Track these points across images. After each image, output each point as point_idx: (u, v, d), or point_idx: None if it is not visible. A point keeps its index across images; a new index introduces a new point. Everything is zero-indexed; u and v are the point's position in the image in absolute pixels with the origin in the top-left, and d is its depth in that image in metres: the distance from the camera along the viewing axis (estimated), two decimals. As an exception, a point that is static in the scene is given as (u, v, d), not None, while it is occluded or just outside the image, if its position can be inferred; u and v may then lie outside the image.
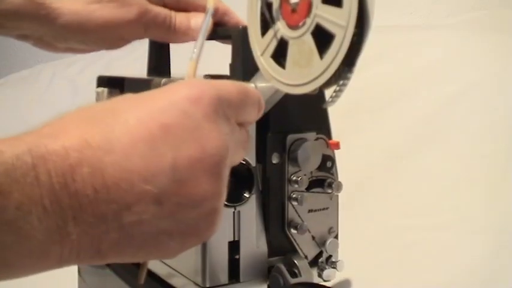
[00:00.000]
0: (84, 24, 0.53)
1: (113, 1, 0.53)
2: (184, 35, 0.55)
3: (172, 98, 0.35)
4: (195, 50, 0.47)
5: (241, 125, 0.39)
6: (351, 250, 0.56)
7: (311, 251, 0.54)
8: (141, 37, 0.56)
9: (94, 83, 0.65)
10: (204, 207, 0.35)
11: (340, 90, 0.39)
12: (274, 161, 0.50)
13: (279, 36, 0.43)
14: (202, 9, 0.56)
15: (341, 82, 0.39)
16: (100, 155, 0.31)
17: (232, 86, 0.38)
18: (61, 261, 0.32)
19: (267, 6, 0.44)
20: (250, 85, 0.41)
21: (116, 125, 0.33)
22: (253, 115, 0.41)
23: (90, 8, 0.53)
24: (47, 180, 0.30)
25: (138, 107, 0.34)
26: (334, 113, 0.52)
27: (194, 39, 0.55)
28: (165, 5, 0.56)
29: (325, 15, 0.39)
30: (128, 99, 0.36)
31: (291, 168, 0.51)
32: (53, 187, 0.30)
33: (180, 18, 0.55)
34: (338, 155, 0.54)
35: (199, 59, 0.47)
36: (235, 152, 0.38)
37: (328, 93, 0.41)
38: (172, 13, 0.55)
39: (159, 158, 0.33)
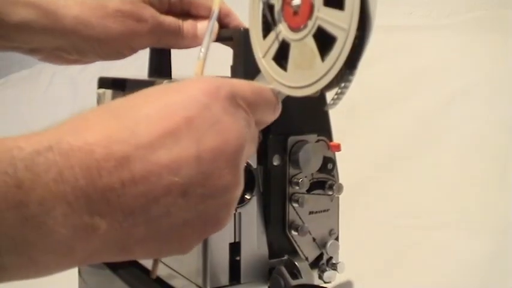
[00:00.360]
0: (98, 37, 0.53)
1: (128, 16, 0.53)
2: (192, 41, 0.56)
3: (190, 92, 0.35)
4: (202, 49, 0.48)
5: (256, 123, 0.40)
6: (351, 250, 0.56)
7: (312, 253, 0.54)
8: (152, 46, 0.57)
9: (94, 82, 0.65)
10: (224, 198, 0.36)
11: (342, 93, 0.39)
12: (275, 163, 0.50)
13: (280, 38, 0.42)
14: (204, 8, 0.56)
15: (343, 84, 0.39)
16: (126, 149, 0.32)
17: (246, 84, 0.39)
18: (87, 258, 0.32)
19: (269, 8, 0.43)
20: (269, 87, 0.41)
21: (139, 120, 0.33)
22: (269, 115, 0.41)
23: (105, 22, 0.53)
24: (71, 176, 0.30)
25: (159, 101, 0.35)
26: (334, 113, 0.52)
27: (200, 44, 0.56)
28: (170, 7, 0.56)
29: (327, 17, 0.38)
30: (145, 94, 0.36)
31: (292, 170, 0.51)
32: (78, 183, 0.30)
33: (187, 25, 0.56)
34: (338, 154, 0.54)
35: (207, 59, 0.48)
36: (250, 147, 0.39)
37: (330, 95, 0.41)
38: (180, 21, 0.55)
39: (184, 150, 0.33)
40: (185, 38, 0.55)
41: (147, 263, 0.57)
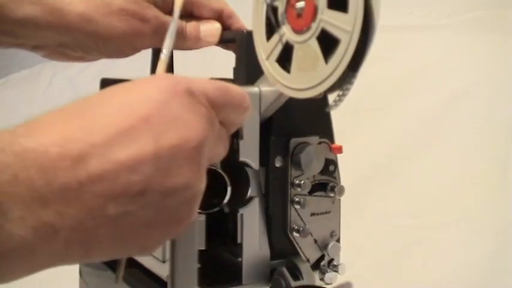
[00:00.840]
0: (102, 35, 0.53)
1: (132, 15, 0.53)
2: (195, 43, 0.56)
3: (147, 89, 0.35)
4: (164, 50, 0.48)
5: (222, 123, 0.39)
6: (351, 250, 0.56)
7: (313, 254, 0.54)
8: (154, 46, 0.56)
9: (94, 83, 0.65)
10: (184, 195, 0.35)
11: (344, 95, 0.39)
12: (277, 165, 0.50)
13: (284, 40, 0.42)
14: (207, 10, 0.56)
15: (345, 86, 0.39)
16: (81, 147, 0.31)
17: (210, 82, 0.38)
18: (51, 261, 0.32)
19: (273, 10, 0.43)
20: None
21: (95, 119, 0.33)
22: (236, 115, 0.40)
23: (109, 20, 0.53)
24: (26, 177, 0.29)
25: (116, 100, 0.34)
26: (335, 113, 0.52)
27: (204, 46, 0.56)
28: (173, 8, 0.56)
29: (330, 20, 0.38)
30: (102, 94, 0.36)
31: (293, 172, 0.51)
32: (33, 184, 0.29)
33: (190, 27, 0.56)
34: (338, 154, 0.54)
35: (169, 59, 0.48)
36: (215, 146, 0.38)
37: (331, 97, 0.41)
38: (183, 22, 0.55)
39: (141, 148, 0.33)
40: (188, 39, 0.55)
41: (148, 263, 0.57)
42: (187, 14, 0.56)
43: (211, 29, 0.55)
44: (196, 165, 0.35)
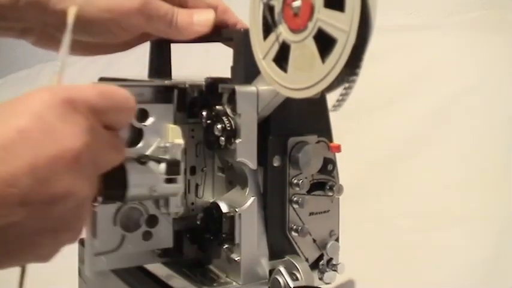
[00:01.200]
0: (85, 11, 0.52)
1: None
2: (186, 31, 0.55)
3: (26, 103, 0.36)
4: (58, 62, 0.47)
5: (109, 127, 0.40)
6: (351, 250, 0.56)
7: (312, 254, 0.54)
8: (142, 29, 0.55)
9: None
10: (70, 202, 0.36)
11: (346, 94, 0.39)
12: (275, 164, 0.50)
13: (281, 40, 0.42)
14: (202, 6, 0.55)
15: (346, 85, 0.39)
16: None
17: (91, 88, 0.39)
18: None
19: (269, 9, 0.43)
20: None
21: None
22: (122, 117, 0.41)
23: None
24: None
25: None
26: (334, 113, 0.52)
27: (196, 35, 0.55)
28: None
29: (327, 19, 0.38)
30: None
31: (292, 171, 0.51)
32: None
33: (182, 14, 0.55)
34: (338, 154, 0.54)
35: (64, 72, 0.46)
36: (101, 153, 0.39)
37: (332, 97, 0.41)
38: (175, 8, 0.55)
39: (18, 161, 0.34)
40: (179, 28, 0.54)
41: (148, 265, 0.57)
42: (182, 5, 0.55)
43: (205, 16, 0.55)
44: (77, 174, 0.36)
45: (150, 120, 0.50)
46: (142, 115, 0.50)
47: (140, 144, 0.50)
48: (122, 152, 0.42)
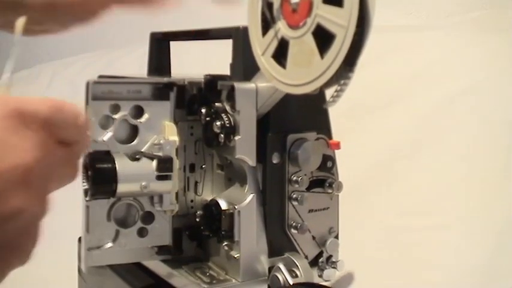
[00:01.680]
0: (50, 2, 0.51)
1: None
2: (161, 2, 0.52)
3: None
4: (8, 75, 0.46)
5: (63, 143, 0.37)
6: (351, 250, 0.56)
7: (311, 251, 0.54)
8: (113, 8, 0.53)
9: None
10: (20, 220, 0.34)
11: (342, 90, 0.39)
12: (274, 161, 0.50)
13: (279, 36, 0.43)
14: None
15: (342, 82, 0.39)
16: None
17: (40, 101, 0.36)
18: None
19: (268, 6, 0.44)
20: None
21: None
22: (74, 132, 0.38)
23: None
24: None
25: None
26: (334, 112, 0.52)
27: (172, 6, 0.51)
28: None
29: (326, 15, 0.39)
30: None
31: (291, 168, 0.51)
32: None
33: None
34: (338, 154, 0.54)
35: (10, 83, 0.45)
36: (54, 168, 0.36)
37: (329, 93, 0.41)
38: None
39: None
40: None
41: (147, 262, 0.57)
42: None
43: None
44: (27, 190, 0.34)
45: (145, 117, 0.50)
46: (138, 112, 0.50)
47: (135, 141, 0.50)
48: (76, 168, 0.39)
